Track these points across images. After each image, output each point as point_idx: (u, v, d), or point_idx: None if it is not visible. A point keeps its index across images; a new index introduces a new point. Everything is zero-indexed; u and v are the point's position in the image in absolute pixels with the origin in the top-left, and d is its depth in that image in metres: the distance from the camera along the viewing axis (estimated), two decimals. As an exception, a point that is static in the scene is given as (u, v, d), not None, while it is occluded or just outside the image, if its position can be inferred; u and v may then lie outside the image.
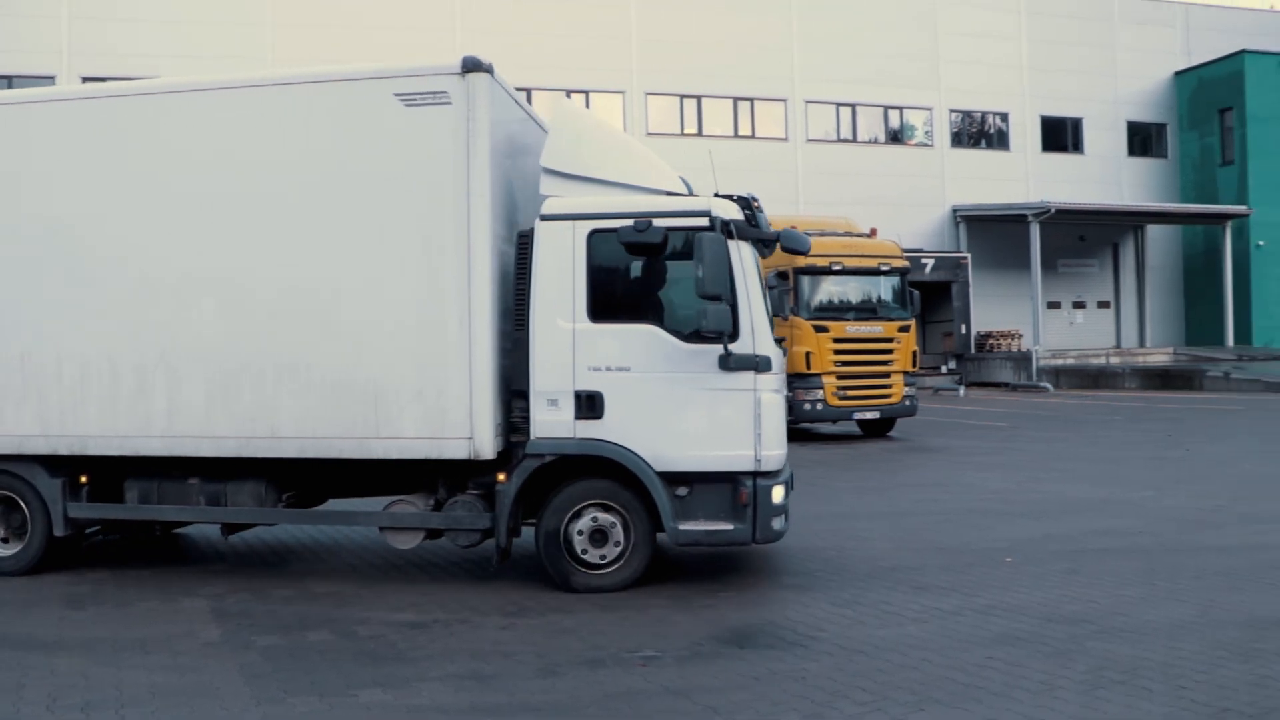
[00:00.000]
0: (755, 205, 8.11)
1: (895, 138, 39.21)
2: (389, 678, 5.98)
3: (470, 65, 7.69)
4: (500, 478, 7.85)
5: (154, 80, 9.37)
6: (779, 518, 7.76)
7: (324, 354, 7.96)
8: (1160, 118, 42.06)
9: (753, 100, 36.61)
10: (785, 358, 8.04)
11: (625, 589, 7.76)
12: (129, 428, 8.29)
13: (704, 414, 7.68)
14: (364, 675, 6.01)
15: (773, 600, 7.63)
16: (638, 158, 8.59)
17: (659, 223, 7.63)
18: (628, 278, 8.07)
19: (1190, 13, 42.37)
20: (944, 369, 34.57)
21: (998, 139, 40.36)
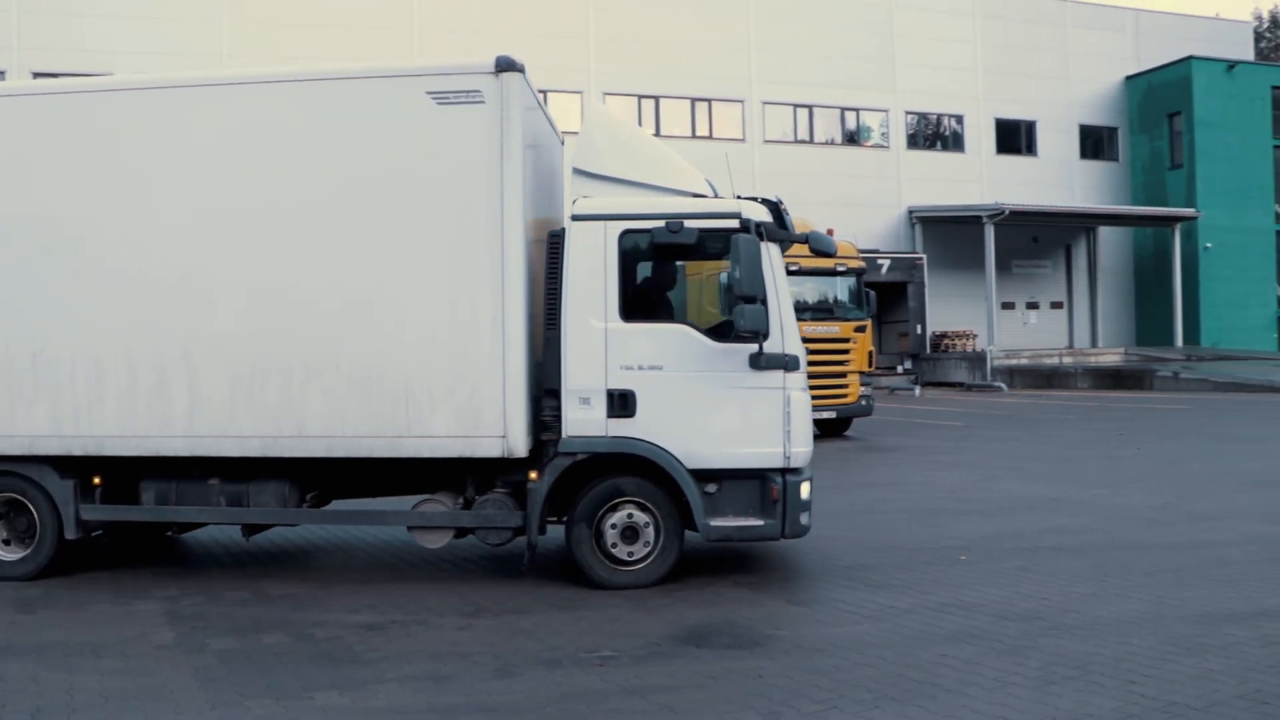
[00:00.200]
0: (782, 208, 8.27)
1: (852, 139, 39.43)
2: (346, 680, 5.94)
3: (504, 65, 7.71)
4: (532, 476, 7.86)
5: (174, 75, 9.17)
6: (806, 513, 7.88)
7: (354, 352, 7.88)
8: (1111, 121, 42.62)
9: (710, 101, 36.65)
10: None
11: (657, 584, 7.83)
12: (148, 427, 8.11)
13: (735, 412, 7.79)
14: (320, 678, 5.98)
15: (729, 599, 7.66)
16: (665, 160, 8.65)
17: (690, 224, 7.71)
18: (659, 278, 8.20)
19: (1140, 19, 43.01)
20: (900, 369, 34.89)
21: (953, 141, 40.71)
